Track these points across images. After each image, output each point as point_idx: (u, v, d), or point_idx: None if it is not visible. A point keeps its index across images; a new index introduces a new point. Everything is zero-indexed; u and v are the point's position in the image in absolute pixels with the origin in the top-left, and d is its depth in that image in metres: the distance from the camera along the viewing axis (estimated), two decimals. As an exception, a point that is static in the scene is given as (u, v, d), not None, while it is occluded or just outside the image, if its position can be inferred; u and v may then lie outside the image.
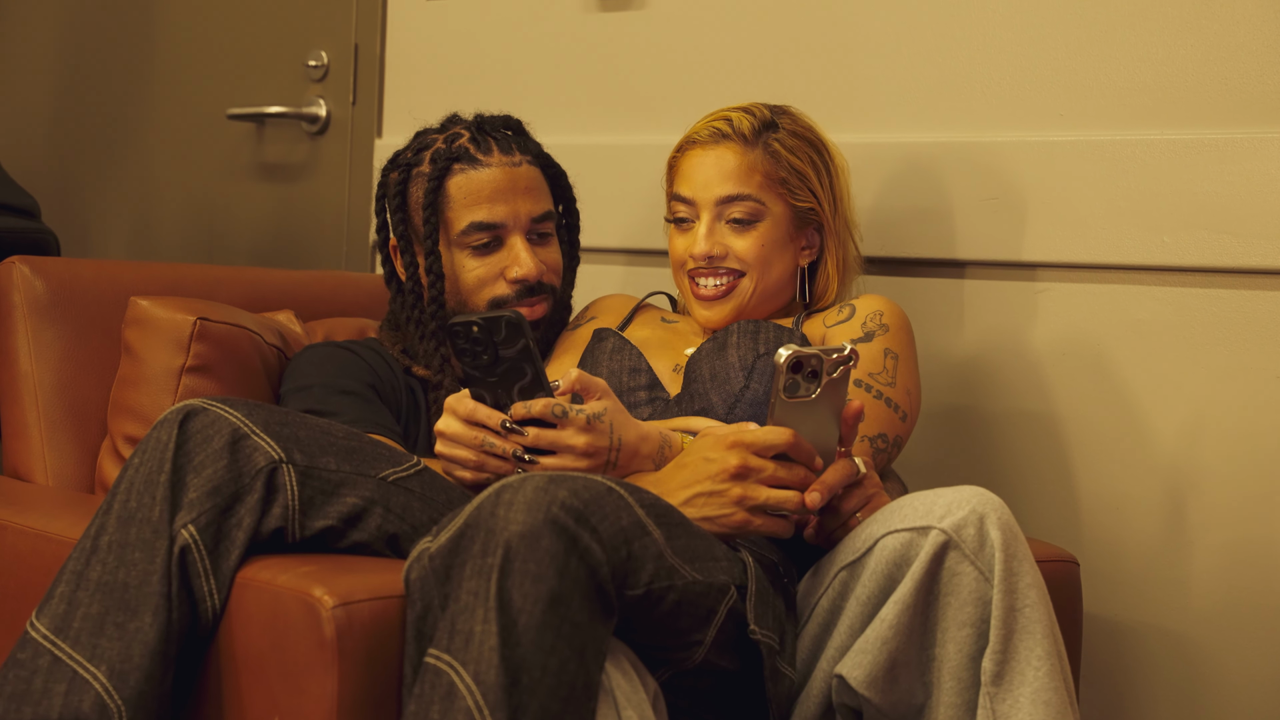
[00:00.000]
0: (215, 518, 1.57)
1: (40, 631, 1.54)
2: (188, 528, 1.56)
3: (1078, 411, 2.15)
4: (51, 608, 1.55)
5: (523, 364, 1.67)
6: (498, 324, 1.65)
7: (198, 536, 1.56)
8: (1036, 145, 2.16)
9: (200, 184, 3.21)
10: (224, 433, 1.60)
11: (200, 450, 1.59)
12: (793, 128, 2.04)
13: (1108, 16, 2.12)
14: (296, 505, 1.60)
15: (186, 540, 1.56)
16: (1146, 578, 2.10)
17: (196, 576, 1.56)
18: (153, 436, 1.61)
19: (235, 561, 1.58)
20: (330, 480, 1.62)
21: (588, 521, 1.44)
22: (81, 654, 1.52)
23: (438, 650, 1.41)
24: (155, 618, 1.53)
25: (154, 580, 1.54)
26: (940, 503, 1.59)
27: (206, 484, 1.58)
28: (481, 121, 2.13)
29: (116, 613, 1.53)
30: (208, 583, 1.57)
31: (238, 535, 1.58)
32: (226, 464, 1.59)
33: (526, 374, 1.67)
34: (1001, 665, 1.54)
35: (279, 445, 1.61)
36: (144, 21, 3.33)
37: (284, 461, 1.60)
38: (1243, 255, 2.01)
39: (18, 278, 2.17)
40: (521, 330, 1.65)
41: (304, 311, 2.33)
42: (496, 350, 1.67)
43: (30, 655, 1.53)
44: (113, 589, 1.54)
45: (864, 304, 2.01)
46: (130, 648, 1.52)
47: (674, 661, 1.57)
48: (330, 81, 2.98)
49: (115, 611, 1.53)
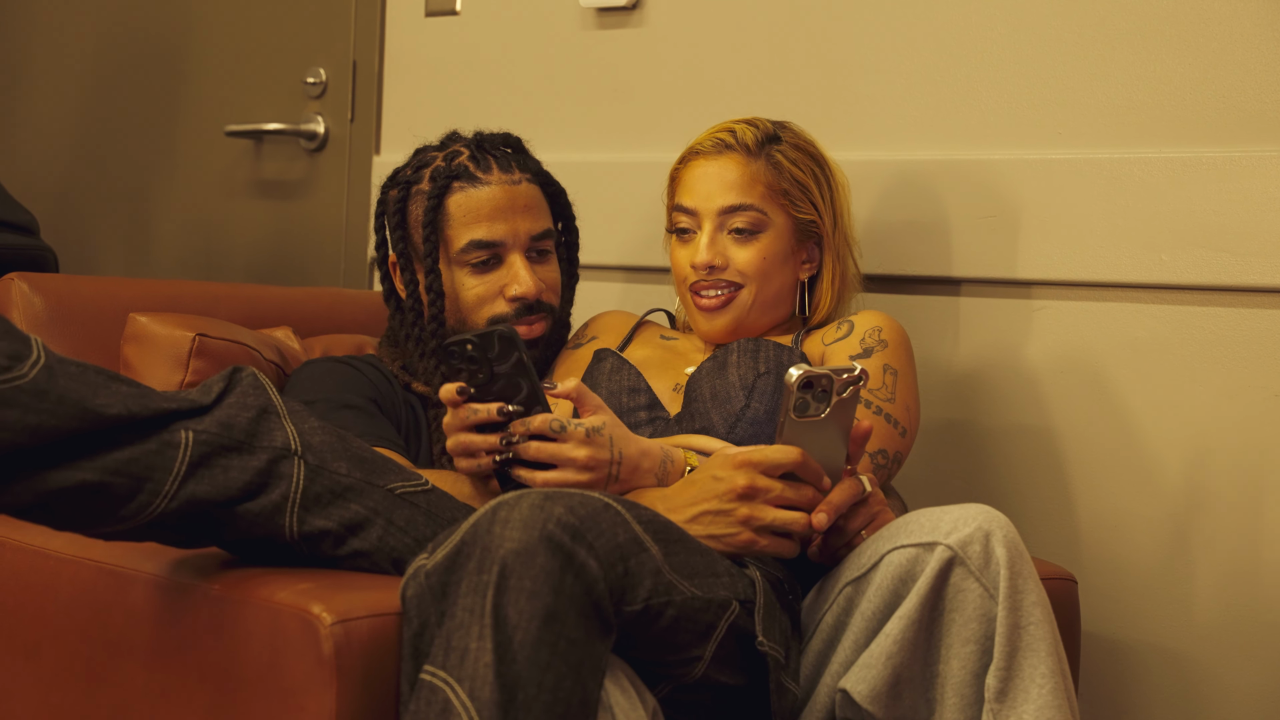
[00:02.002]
0: (214, 449, 1.54)
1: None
2: (188, 432, 1.53)
3: (1076, 429, 2.15)
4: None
5: (518, 379, 1.67)
6: (491, 340, 1.66)
7: (190, 441, 1.53)
8: (1034, 163, 2.16)
9: (198, 201, 3.22)
10: (260, 398, 1.58)
11: (232, 392, 1.58)
12: (795, 141, 2.05)
13: (1105, 35, 2.13)
14: (298, 498, 1.58)
15: (182, 439, 1.53)
16: (1145, 595, 2.10)
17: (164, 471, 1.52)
18: (204, 382, 1.59)
19: (198, 496, 1.53)
20: (339, 484, 1.62)
21: (584, 538, 1.44)
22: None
23: (433, 667, 1.41)
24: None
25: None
26: (946, 519, 1.59)
27: (223, 415, 1.55)
28: (481, 139, 2.13)
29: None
30: (171, 484, 1.52)
31: (218, 477, 1.54)
32: (250, 419, 1.56)
33: (522, 389, 1.67)
34: (1005, 682, 1.54)
35: (299, 437, 1.59)
36: (142, 40, 3.33)
37: (297, 454, 1.59)
38: (1240, 273, 2.01)
39: (16, 295, 2.17)
40: (515, 344, 1.65)
41: (302, 328, 2.33)
42: (492, 367, 1.67)
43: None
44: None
45: (862, 320, 2.01)
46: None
47: (674, 677, 1.57)
48: (328, 98, 2.98)
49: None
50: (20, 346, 1.48)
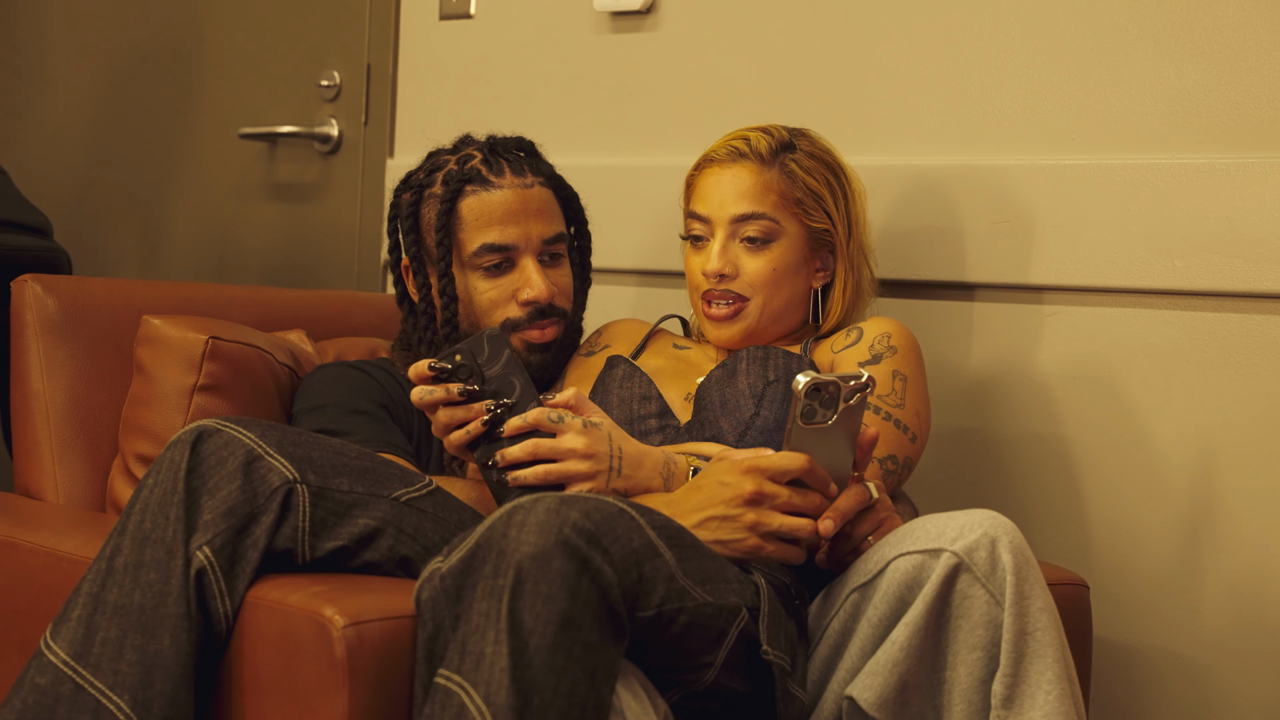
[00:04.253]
0: (230, 539, 1.58)
1: (59, 656, 1.53)
2: (203, 549, 1.56)
3: (1088, 435, 2.15)
4: (69, 631, 1.54)
5: (510, 377, 1.68)
6: (479, 342, 1.67)
7: (213, 558, 1.56)
8: (1047, 169, 2.16)
9: (212, 203, 3.22)
10: (238, 454, 1.60)
11: (214, 472, 1.59)
12: (810, 149, 2.04)
13: (1119, 41, 2.13)
14: (307, 527, 1.60)
15: (202, 562, 1.56)
16: (1157, 602, 2.09)
17: (213, 599, 1.56)
18: (166, 457, 1.61)
19: (249, 579, 1.58)
20: (343, 501, 1.63)
21: (599, 543, 1.44)
22: (103, 682, 1.51)
23: (448, 671, 1.41)
24: (174, 640, 1.53)
25: (170, 602, 1.54)
26: (952, 525, 1.59)
27: (221, 505, 1.58)
28: (494, 143, 2.13)
29: (135, 635, 1.53)
30: (223, 604, 1.57)
31: (252, 555, 1.58)
32: (240, 485, 1.59)
33: (516, 386, 1.68)
34: (1012, 689, 1.54)
35: (293, 465, 1.61)
36: (156, 42, 3.34)
37: (298, 482, 1.60)
38: (1254, 280, 2.01)
39: (30, 296, 2.17)
40: (503, 343, 1.66)
41: (315, 331, 2.33)
42: (483, 373, 1.68)
43: (51, 682, 1.52)
44: (129, 611, 1.54)
45: (871, 326, 2.01)
46: (151, 673, 1.52)
47: (685, 683, 1.57)
48: (342, 101, 2.98)
49: (133, 634, 1.53)
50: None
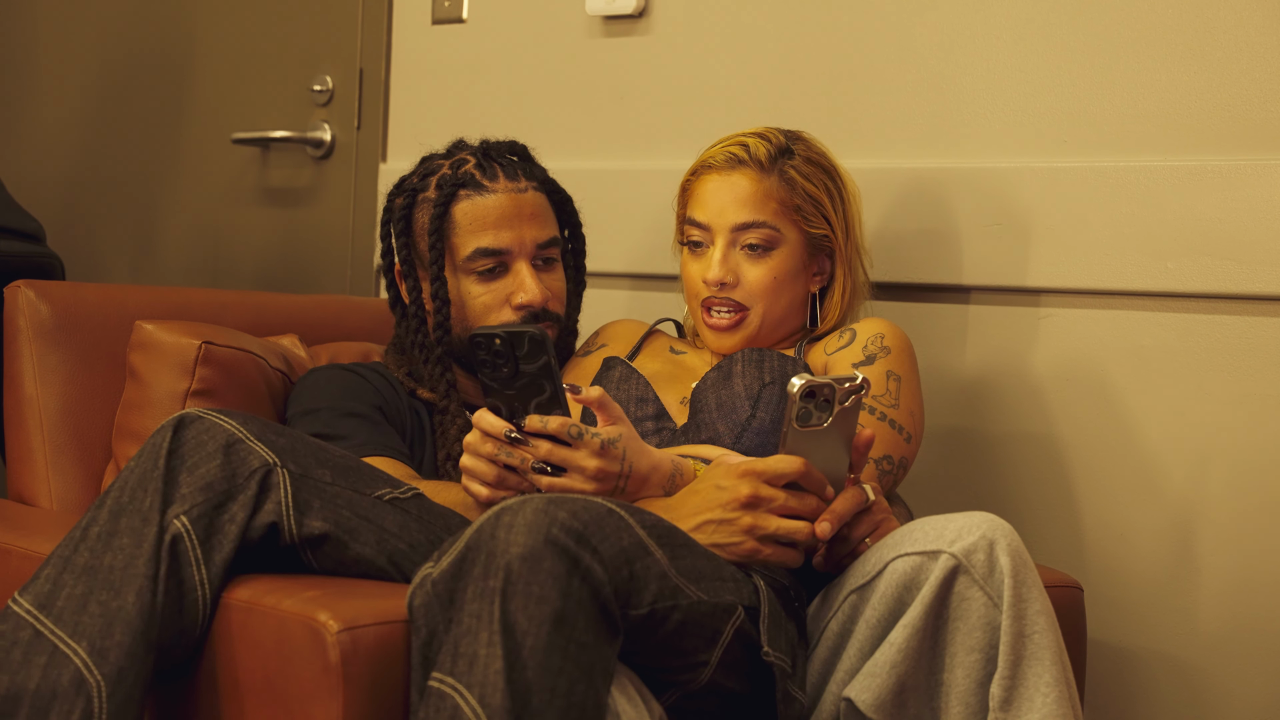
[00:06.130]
0: (207, 511, 1.59)
1: (23, 606, 1.55)
2: (180, 518, 1.58)
3: (1081, 437, 2.15)
4: (36, 587, 1.57)
5: (542, 380, 1.67)
6: (521, 339, 1.66)
7: (189, 526, 1.58)
8: (1041, 171, 2.16)
9: (205, 208, 3.22)
10: (219, 438, 1.62)
11: (194, 452, 1.61)
12: (807, 154, 2.04)
13: (1112, 44, 2.13)
14: (290, 503, 1.61)
15: (179, 529, 1.58)
16: (1151, 604, 2.09)
17: (187, 565, 1.58)
18: (149, 443, 1.63)
19: (228, 554, 1.59)
20: (325, 491, 1.64)
21: (588, 542, 1.45)
22: (63, 630, 1.53)
23: (441, 674, 1.41)
24: (139, 598, 1.54)
25: (139, 563, 1.56)
26: (951, 527, 1.59)
27: (200, 480, 1.60)
28: (487, 147, 2.13)
29: (100, 592, 1.55)
30: (199, 572, 1.58)
31: (230, 529, 1.60)
32: (220, 464, 1.61)
33: (545, 390, 1.67)
34: (1010, 691, 1.54)
35: (273, 452, 1.63)
36: (148, 47, 3.33)
37: (278, 465, 1.62)
38: (1246, 282, 2.01)
39: (23, 302, 2.17)
40: (544, 347, 1.66)
41: (309, 335, 2.33)
42: (517, 364, 1.67)
43: (11, 627, 1.54)
44: (98, 571, 1.56)
45: (864, 328, 2.01)
46: (111, 625, 1.53)
47: (681, 683, 1.57)
48: (335, 106, 2.98)
49: (99, 591, 1.55)
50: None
